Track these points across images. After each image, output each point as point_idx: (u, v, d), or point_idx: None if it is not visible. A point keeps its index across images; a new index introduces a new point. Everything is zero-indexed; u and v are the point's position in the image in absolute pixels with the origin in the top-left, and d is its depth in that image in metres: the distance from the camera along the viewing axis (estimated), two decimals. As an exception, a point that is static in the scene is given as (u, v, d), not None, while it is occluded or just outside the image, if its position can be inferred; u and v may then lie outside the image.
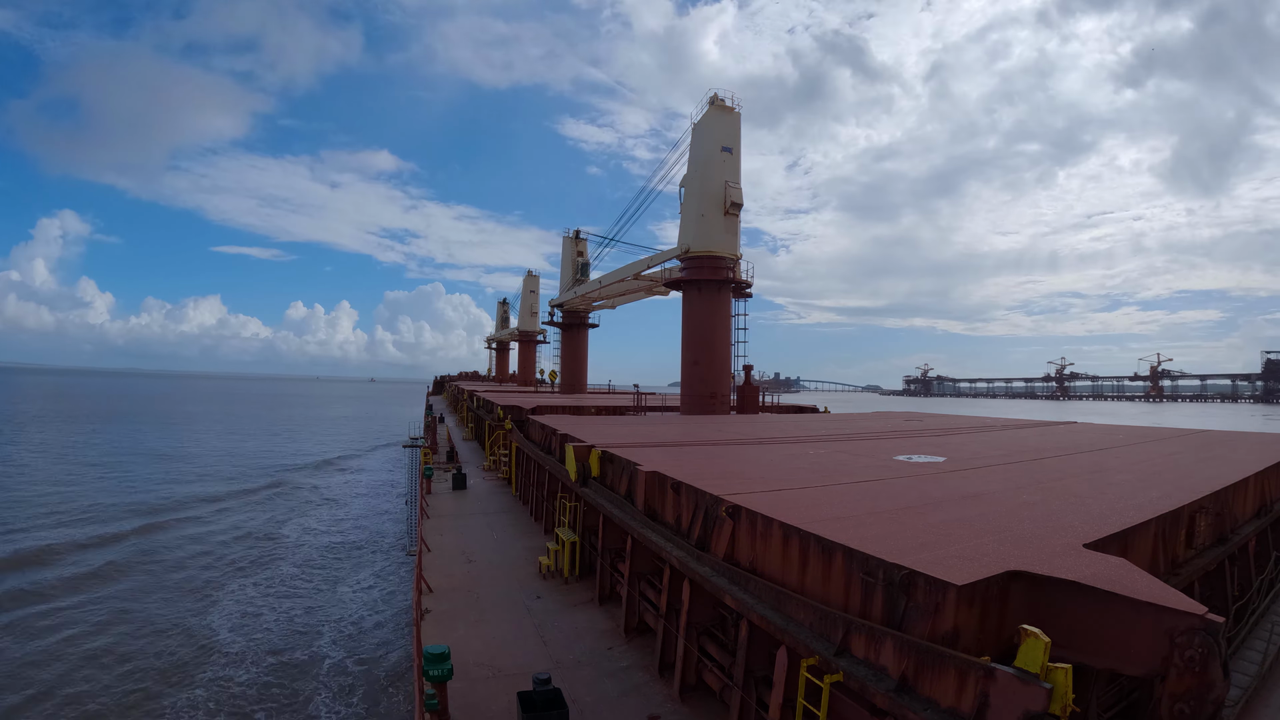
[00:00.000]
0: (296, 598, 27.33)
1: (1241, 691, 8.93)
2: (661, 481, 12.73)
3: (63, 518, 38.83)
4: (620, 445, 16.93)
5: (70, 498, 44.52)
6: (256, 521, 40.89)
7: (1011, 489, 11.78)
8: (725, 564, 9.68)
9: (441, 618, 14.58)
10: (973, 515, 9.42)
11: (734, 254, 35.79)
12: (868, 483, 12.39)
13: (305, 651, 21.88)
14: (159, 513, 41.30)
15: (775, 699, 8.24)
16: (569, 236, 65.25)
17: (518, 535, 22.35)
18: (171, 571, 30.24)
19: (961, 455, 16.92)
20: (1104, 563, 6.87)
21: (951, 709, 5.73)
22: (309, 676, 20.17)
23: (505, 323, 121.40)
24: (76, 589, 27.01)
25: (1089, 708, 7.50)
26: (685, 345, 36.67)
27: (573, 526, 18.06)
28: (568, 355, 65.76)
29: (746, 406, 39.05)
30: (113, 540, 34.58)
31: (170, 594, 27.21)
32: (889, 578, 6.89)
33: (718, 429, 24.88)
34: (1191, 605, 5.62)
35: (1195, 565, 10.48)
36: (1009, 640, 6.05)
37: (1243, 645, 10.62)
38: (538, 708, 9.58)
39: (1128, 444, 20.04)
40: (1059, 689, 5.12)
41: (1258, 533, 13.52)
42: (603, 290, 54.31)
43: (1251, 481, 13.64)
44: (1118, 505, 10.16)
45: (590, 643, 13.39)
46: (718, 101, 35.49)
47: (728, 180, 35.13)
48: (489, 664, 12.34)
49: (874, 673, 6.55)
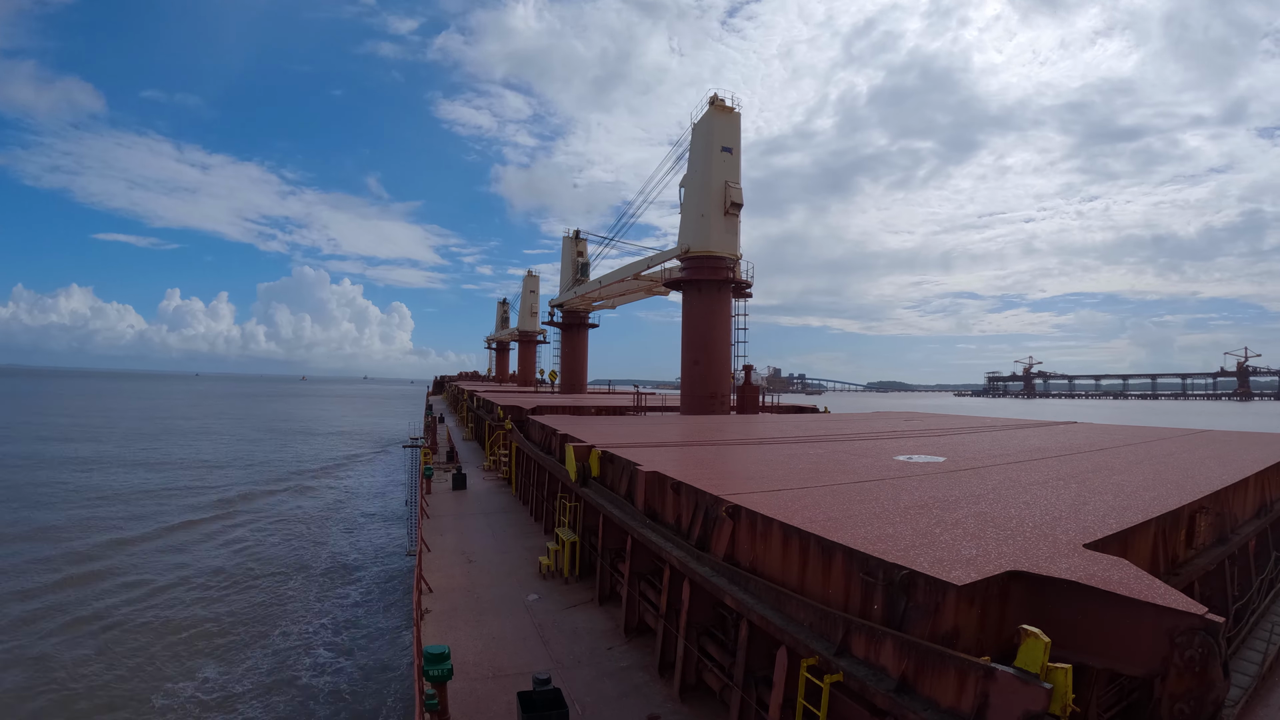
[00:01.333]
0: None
1: (1241, 691, 8.92)
2: (661, 481, 12.74)
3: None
4: (620, 445, 16.94)
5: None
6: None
7: (1011, 489, 11.78)
8: (725, 564, 9.68)
9: (441, 618, 14.58)
10: (973, 515, 9.42)
11: (734, 254, 35.79)
12: (868, 483, 12.38)
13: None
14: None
15: (775, 699, 8.24)
16: (569, 236, 65.31)
17: (518, 535, 22.34)
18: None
19: (962, 455, 16.91)
20: (1104, 563, 6.87)
21: (951, 709, 5.73)
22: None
23: (505, 323, 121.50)
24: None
25: (1089, 708, 7.50)
26: (685, 345, 36.67)
27: (573, 526, 18.06)
28: (568, 355, 65.81)
29: (746, 406, 39.05)
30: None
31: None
32: (889, 578, 6.89)
33: (718, 429, 24.89)
34: (1191, 605, 5.62)
35: (1195, 565, 10.48)
36: (1009, 640, 6.05)
37: (1243, 645, 10.62)
38: (538, 708, 9.58)
39: (1128, 444, 20.04)
40: (1059, 689, 5.12)
41: (1258, 533, 13.52)
42: (603, 290, 54.35)
43: (1251, 481, 13.64)
44: (1118, 505, 10.16)
45: (590, 643, 13.38)
46: (718, 102, 35.49)
47: (728, 180, 35.15)
48: (489, 664, 12.34)
49: (874, 673, 6.55)
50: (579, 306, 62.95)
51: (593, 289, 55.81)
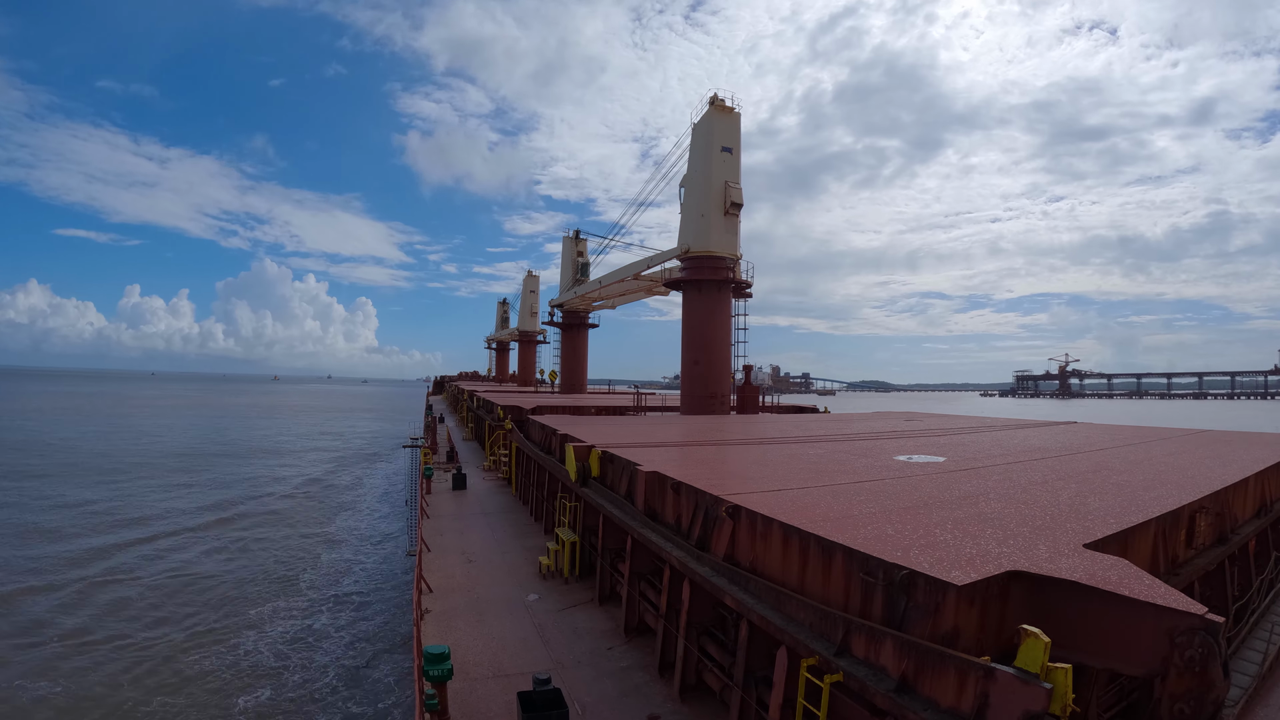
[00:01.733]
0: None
1: (1241, 691, 8.92)
2: (661, 481, 12.73)
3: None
4: (620, 445, 16.93)
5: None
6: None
7: (1011, 489, 11.77)
8: (725, 564, 9.67)
9: (441, 618, 14.58)
10: (973, 515, 9.42)
11: (734, 254, 35.79)
12: (868, 483, 12.38)
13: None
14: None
15: (775, 699, 8.23)
16: (569, 237, 65.34)
17: (518, 535, 22.34)
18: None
19: (962, 455, 16.91)
20: (1104, 563, 6.87)
21: (951, 709, 5.73)
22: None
23: (505, 323, 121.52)
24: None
25: (1089, 708, 7.50)
26: (685, 345, 36.67)
27: (573, 526, 18.05)
28: (568, 355, 65.81)
29: (746, 406, 39.05)
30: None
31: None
32: (889, 578, 6.89)
33: (718, 429, 24.88)
34: (1191, 605, 5.62)
35: (1195, 565, 10.48)
36: (1009, 640, 6.05)
37: (1243, 645, 10.61)
38: (538, 708, 9.57)
39: (1128, 444, 20.03)
40: (1059, 689, 5.12)
41: (1258, 533, 13.52)
42: (603, 290, 54.35)
43: (1251, 481, 13.63)
44: (1118, 505, 10.16)
45: (590, 643, 13.38)
46: (718, 102, 35.49)
47: (728, 180, 35.14)
48: (489, 664, 12.34)
49: (874, 673, 6.55)
50: (579, 306, 62.96)
51: (593, 289, 55.81)
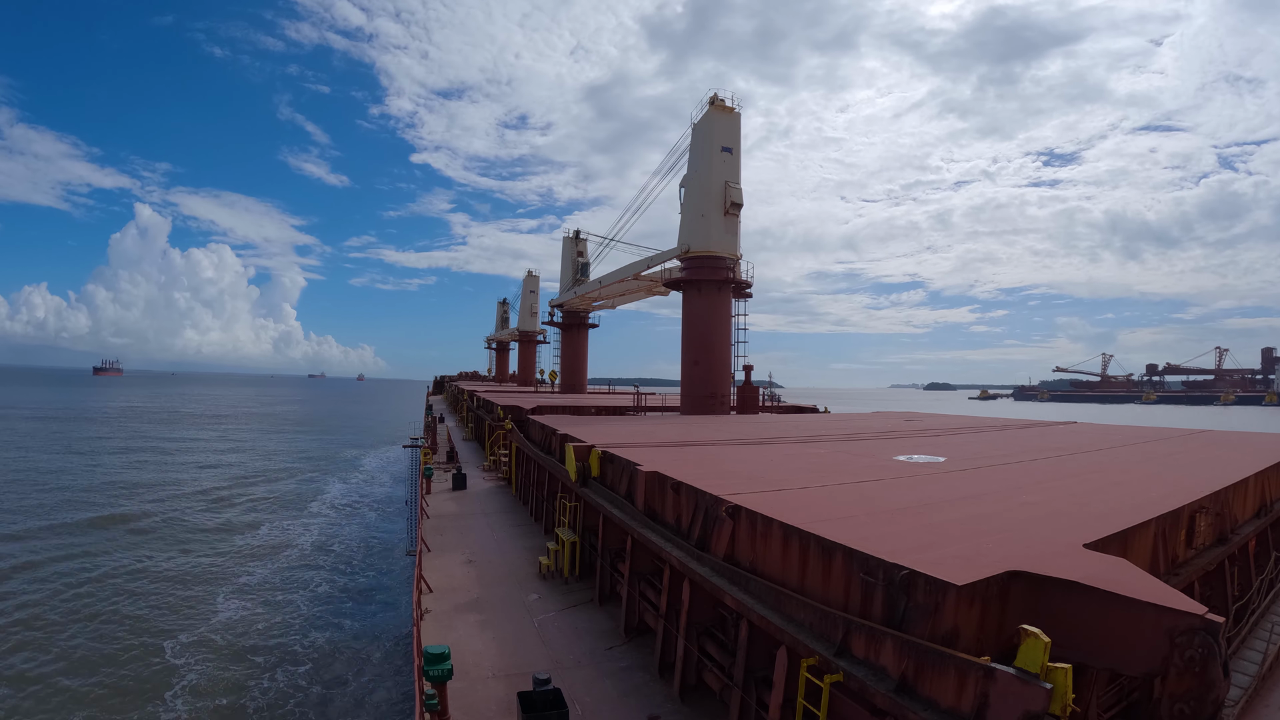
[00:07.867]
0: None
1: (1241, 691, 8.92)
2: (661, 481, 12.73)
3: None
4: (620, 445, 16.93)
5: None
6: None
7: (1011, 489, 11.78)
8: (725, 564, 9.67)
9: (441, 618, 14.57)
10: (973, 515, 9.42)
11: (734, 254, 35.77)
12: (868, 483, 12.38)
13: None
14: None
15: (775, 699, 8.24)
16: (569, 237, 65.29)
17: (518, 535, 22.33)
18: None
19: (961, 455, 16.91)
20: (1104, 563, 6.88)
21: (951, 709, 5.73)
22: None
23: (505, 323, 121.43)
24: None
25: (1089, 708, 7.50)
26: (685, 345, 36.65)
27: (573, 526, 18.04)
28: (568, 355, 65.77)
29: (746, 407, 39.04)
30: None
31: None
32: (889, 578, 6.88)
33: (718, 429, 24.88)
34: (1191, 605, 5.62)
35: (1195, 565, 10.48)
36: (1009, 640, 6.05)
37: (1243, 645, 10.61)
38: (538, 708, 9.58)
39: (1127, 444, 20.04)
40: (1059, 689, 5.12)
41: (1258, 533, 13.52)
42: (603, 290, 54.30)
43: (1251, 481, 13.63)
44: (1118, 505, 10.16)
45: (590, 643, 13.38)
46: (718, 102, 35.47)
47: (728, 180, 35.11)
48: (489, 664, 12.33)
49: (874, 673, 6.55)
50: (579, 306, 62.91)
51: (592, 289, 55.76)
